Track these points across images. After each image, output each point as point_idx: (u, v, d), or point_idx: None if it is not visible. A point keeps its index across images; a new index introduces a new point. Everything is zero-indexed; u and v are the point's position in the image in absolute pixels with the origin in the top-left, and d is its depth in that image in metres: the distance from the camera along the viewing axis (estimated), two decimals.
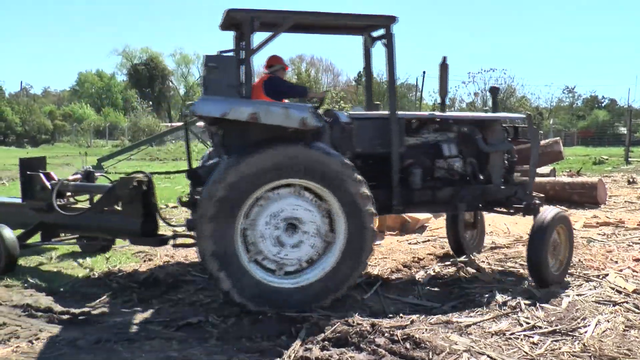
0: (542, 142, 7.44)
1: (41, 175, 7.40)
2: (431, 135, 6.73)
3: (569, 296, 6.07)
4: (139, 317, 5.52)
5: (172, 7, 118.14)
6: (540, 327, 5.21)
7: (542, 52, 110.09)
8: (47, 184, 7.32)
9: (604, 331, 5.12)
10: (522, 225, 10.03)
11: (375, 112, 7.12)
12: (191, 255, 8.03)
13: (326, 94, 9.07)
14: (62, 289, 6.41)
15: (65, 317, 5.47)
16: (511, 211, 6.95)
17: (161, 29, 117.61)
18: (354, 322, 5.07)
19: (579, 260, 7.58)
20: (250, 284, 5.43)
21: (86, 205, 7.60)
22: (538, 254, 6.31)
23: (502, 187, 6.85)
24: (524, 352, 4.70)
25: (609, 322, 5.34)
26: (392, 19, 6.24)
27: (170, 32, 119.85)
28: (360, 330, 4.82)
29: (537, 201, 6.77)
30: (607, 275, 6.83)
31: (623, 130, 41.29)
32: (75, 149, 40.24)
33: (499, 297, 5.99)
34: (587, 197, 11.99)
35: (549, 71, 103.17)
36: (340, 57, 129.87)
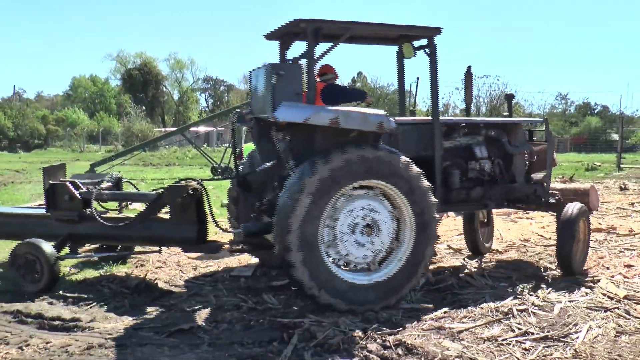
0: (536, 149, 7.69)
1: (68, 184, 7.01)
2: (463, 139, 7.17)
3: (561, 302, 6.09)
4: (131, 323, 5.49)
5: (167, 12, 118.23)
6: (532, 333, 5.22)
7: (535, 59, 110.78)
8: (76, 193, 6.93)
9: (595, 337, 5.14)
10: (514, 231, 10.08)
11: (418, 118, 7.61)
12: (183, 260, 8.03)
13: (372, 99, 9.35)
14: (52, 295, 6.35)
15: (56, 322, 5.43)
16: (532, 207, 7.76)
17: (155, 34, 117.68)
18: (346, 327, 5.07)
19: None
20: (334, 284, 5.62)
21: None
22: (568, 245, 6.94)
23: (524, 185, 7.46)
24: (516, 357, 4.71)
25: (600, 328, 5.36)
26: (438, 31, 6.63)
27: (165, 37, 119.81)
28: (352, 336, 4.82)
29: (559, 197, 7.47)
30: (599, 281, 6.86)
31: (615, 136, 41.55)
32: (68, 154, 40.16)
33: (492, 303, 6.01)
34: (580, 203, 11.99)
35: (542, 78, 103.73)
36: (336, 61, 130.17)
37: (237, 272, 7.36)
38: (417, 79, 8.06)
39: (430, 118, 6.85)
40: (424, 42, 6.88)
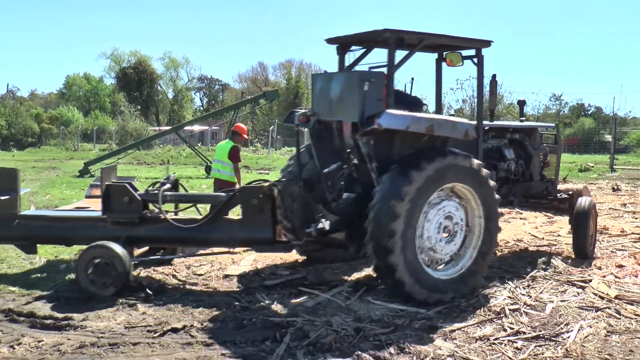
0: None
1: (128, 186, 6.91)
2: (493, 141, 7.78)
3: (552, 302, 6.13)
4: (123, 322, 5.48)
5: (162, 11, 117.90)
6: (524, 333, 5.26)
7: (530, 60, 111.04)
8: (136, 195, 6.84)
9: (586, 336, 5.18)
10: (507, 231, 10.11)
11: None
12: (176, 260, 8.00)
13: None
14: (45, 294, 6.34)
15: (48, 321, 5.42)
16: (544, 203, 8.59)
17: (150, 33, 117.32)
18: (338, 327, 5.09)
19: (565, 266, 7.66)
20: (427, 281, 6.08)
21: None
22: (585, 233, 7.92)
23: (539, 183, 8.34)
24: (508, 357, 4.74)
25: (591, 327, 5.40)
26: (488, 43, 7.25)
27: (159, 35, 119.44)
28: (344, 335, 4.83)
29: (571, 193, 8.47)
30: (590, 281, 6.91)
31: (608, 138, 41.67)
32: (62, 153, 40.00)
33: (484, 302, 6.04)
34: (558, 206, 12.04)
35: (536, 79, 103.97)
36: (328, 63, 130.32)
37: (230, 271, 7.36)
38: (412, 79, 8.07)
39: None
40: (472, 52, 7.38)
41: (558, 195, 8.50)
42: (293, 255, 8.10)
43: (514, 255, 8.43)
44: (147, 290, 6.41)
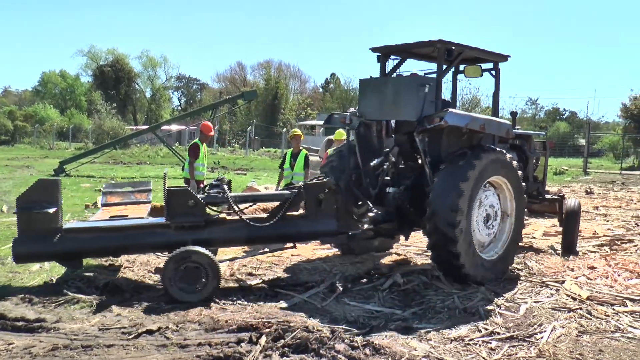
0: None
1: (190, 190, 6.90)
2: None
3: (526, 303, 6.22)
4: (98, 324, 5.41)
5: (139, 9, 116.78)
6: (499, 333, 5.31)
7: (506, 64, 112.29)
8: (199, 197, 6.78)
9: (558, 337, 5.26)
10: None
11: None
12: (153, 260, 7.94)
13: None
14: (17, 295, 6.20)
15: (19, 323, 5.32)
16: (536, 202, 9.31)
17: (128, 31, 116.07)
18: (314, 328, 5.08)
19: (539, 267, 7.77)
20: (478, 263, 6.89)
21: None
22: (573, 230, 8.86)
23: (533, 184, 9.06)
24: (482, 357, 4.78)
25: (563, 328, 5.49)
26: (505, 58, 8.21)
27: (137, 33, 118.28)
28: (320, 337, 4.83)
29: (561, 195, 9.61)
30: (563, 282, 7.03)
31: (582, 142, 42.39)
32: (36, 151, 39.37)
33: (459, 304, 6.09)
34: (547, 206, 12.29)
35: (513, 83, 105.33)
36: (307, 64, 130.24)
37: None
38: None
39: None
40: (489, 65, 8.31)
41: (547, 196, 9.46)
42: (270, 257, 8.10)
43: None
44: (124, 291, 6.34)
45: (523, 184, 7.55)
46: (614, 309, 6.07)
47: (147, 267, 7.60)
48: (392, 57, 8.05)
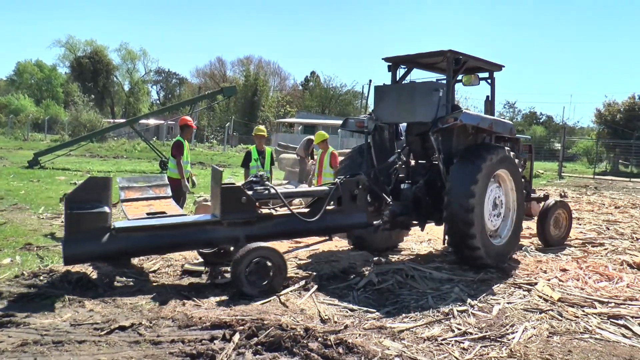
0: None
1: (242, 187, 7.00)
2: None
3: (499, 304, 6.29)
4: (69, 319, 5.33)
5: (119, 1, 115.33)
6: (471, 333, 5.36)
7: None
8: (250, 194, 6.91)
9: (529, 337, 5.32)
10: None
11: None
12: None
13: None
14: None
15: None
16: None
17: (107, 21, 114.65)
18: (287, 326, 5.08)
19: (512, 269, 7.87)
20: (490, 248, 7.72)
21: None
22: (544, 226, 9.78)
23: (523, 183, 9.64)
24: (455, 357, 4.82)
25: (534, 328, 5.56)
26: (500, 67, 9.02)
27: (116, 25, 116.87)
28: (293, 335, 4.83)
29: (545, 194, 10.70)
30: (536, 284, 7.13)
31: (558, 146, 43.01)
32: (10, 142, 38.70)
33: (433, 304, 6.15)
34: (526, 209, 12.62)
35: None
36: (288, 61, 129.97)
37: (185, 268, 7.26)
38: (370, 81, 8.52)
39: None
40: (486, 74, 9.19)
41: (533, 195, 10.45)
42: None
43: None
44: (97, 287, 6.27)
45: (522, 180, 8.41)
46: (583, 311, 6.18)
47: (121, 262, 7.50)
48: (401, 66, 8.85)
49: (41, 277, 6.54)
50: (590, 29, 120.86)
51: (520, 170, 8.39)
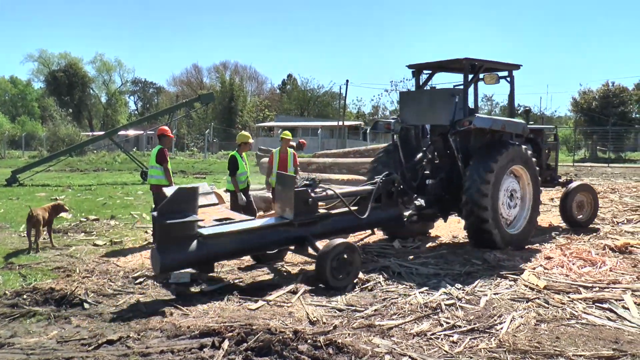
0: None
1: (308, 189, 7.53)
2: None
3: (486, 295, 6.34)
4: (56, 337, 5.26)
5: (91, 11, 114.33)
6: (460, 326, 5.40)
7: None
8: (313, 196, 7.53)
9: (517, 327, 5.38)
10: (443, 228, 10.35)
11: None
12: (112, 268, 7.80)
13: None
14: None
15: None
16: (549, 185, 11.20)
17: (80, 34, 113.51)
18: (276, 330, 5.07)
19: (498, 260, 7.94)
20: (504, 234, 8.55)
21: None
22: (567, 208, 10.63)
23: (547, 170, 10.77)
24: (445, 351, 4.85)
25: (522, 317, 5.62)
26: (518, 67, 9.68)
27: (90, 37, 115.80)
28: (283, 338, 4.82)
29: (568, 178, 11.66)
30: (521, 273, 7.20)
31: None
32: None
33: (421, 299, 6.17)
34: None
35: None
36: (264, 65, 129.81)
37: (174, 279, 7.20)
38: (347, 81, 8.69)
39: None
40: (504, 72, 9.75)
41: (559, 180, 11.24)
42: (230, 262, 8.04)
43: (449, 252, 8.66)
44: (83, 302, 6.20)
45: (537, 169, 9.11)
46: (569, 297, 6.26)
47: (106, 275, 7.44)
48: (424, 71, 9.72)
49: (24, 296, 6.43)
50: (564, 17, 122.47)
51: (535, 163, 9.07)
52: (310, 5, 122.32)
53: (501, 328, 5.33)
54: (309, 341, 4.84)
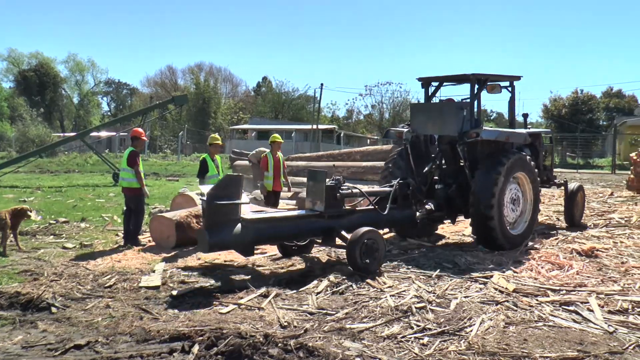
0: None
1: (336, 185, 8.19)
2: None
3: (457, 298, 6.40)
4: (21, 342, 5.16)
5: (64, 10, 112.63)
6: (430, 329, 5.44)
7: (435, 67, 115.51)
8: (341, 192, 8.22)
9: (487, 329, 5.44)
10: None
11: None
12: (81, 271, 7.69)
13: None
14: None
15: None
16: (546, 185, 11.91)
17: (52, 33, 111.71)
18: (247, 334, 5.05)
19: (468, 264, 8.03)
20: (507, 235, 9.19)
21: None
22: (572, 208, 11.51)
23: (544, 171, 11.43)
24: (415, 353, 4.87)
25: (491, 320, 5.68)
26: (518, 78, 10.45)
27: (62, 36, 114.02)
28: (253, 342, 4.81)
29: (565, 180, 12.46)
30: (491, 276, 7.29)
31: None
32: None
33: (392, 302, 6.20)
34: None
35: None
36: (239, 67, 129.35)
37: (144, 282, 7.13)
38: (322, 85, 8.76)
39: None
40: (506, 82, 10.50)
41: (556, 181, 12.07)
42: (203, 264, 7.99)
43: (420, 255, 8.74)
44: (50, 306, 6.10)
45: (537, 173, 9.87)
46: (537, 300, 6.36)
47: (76, 279, 7.32)
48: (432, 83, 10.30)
49: None
50: (536, 25, 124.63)
51: (534, 168, 9.83)
52: (286, 8, 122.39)
53: (471, 330, 5.39)
54: (279, 345, 4.83)
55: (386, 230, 9.97)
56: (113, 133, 43.37)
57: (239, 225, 7.22)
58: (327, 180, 8.27)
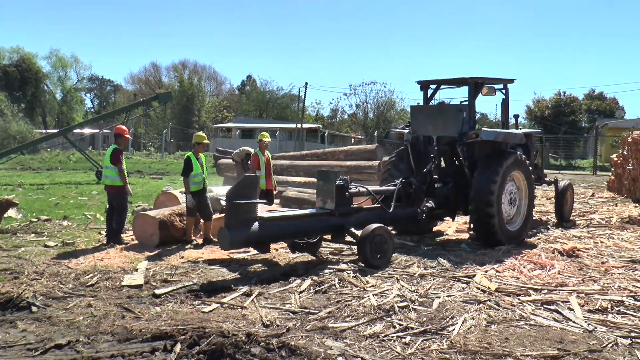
0: None
1: (345, 184, 8.49)
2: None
3: (439, 297, 6.43)
4: (0, 342, 5.10)
5: (47, 4, 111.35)
6: (412, 328, 5.46)
7: (419, 69, 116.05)
8: (350, 191, 8.56)
9: (469, 328, 5.47)
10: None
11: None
12: (63, 270, 7.61)
13: None
14: None
15: None
16: (539, 183, 12.18)
17: (34, 28, 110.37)
18: (229, 333, 5.04)
19: (451, 263, 8.08)
20: (505, 231, 9.53)
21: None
22: (563, 205, 12.05)
23: (535, 169, 11.66)
24: (397, 352, 4.89)
25: (473, 319, 5.72)
26: (512, 81, 10.90)
27: (45, 31, 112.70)
28: (235, 341, 4.79)
29: (555, 178, 13.05)
30: (474, 276, 7.34)
31: None
32: None
33: (374, 301, 6.22)
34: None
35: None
36: (223, 65, 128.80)
37: (127, 281, 7.08)
38: (306, 84, 8.82)
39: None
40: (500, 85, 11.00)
41: (546, 179, 12.62)
42: (185, 262, 7.95)
43: (403, 254, 8.76)
44: (30, 305, 6.03)
45: (533, 177, 10.24)
46: (519, 299, 6.41)
47: (57, 277, 7.25)
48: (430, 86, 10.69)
49: None
50: (520, 28, 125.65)
51: (529, 168, 10.18)
52: (271, 7, 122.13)
53: (453, 329, 5.41)
54: (261, 344, 4.82)
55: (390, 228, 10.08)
56: (96, 130, 42.95)
57: (257, 223, 7.54)
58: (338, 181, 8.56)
